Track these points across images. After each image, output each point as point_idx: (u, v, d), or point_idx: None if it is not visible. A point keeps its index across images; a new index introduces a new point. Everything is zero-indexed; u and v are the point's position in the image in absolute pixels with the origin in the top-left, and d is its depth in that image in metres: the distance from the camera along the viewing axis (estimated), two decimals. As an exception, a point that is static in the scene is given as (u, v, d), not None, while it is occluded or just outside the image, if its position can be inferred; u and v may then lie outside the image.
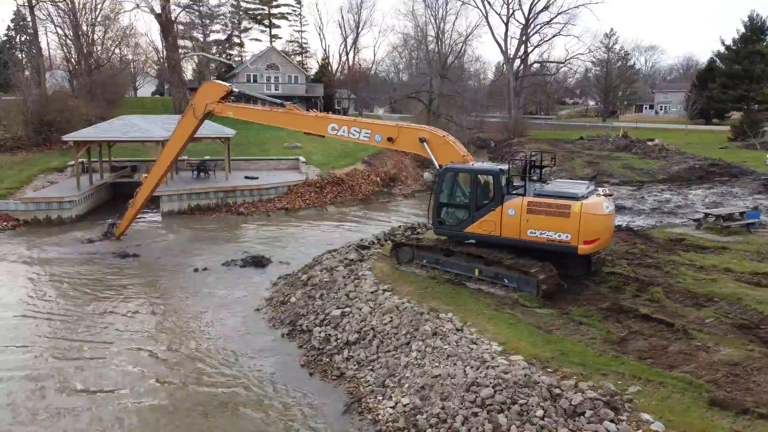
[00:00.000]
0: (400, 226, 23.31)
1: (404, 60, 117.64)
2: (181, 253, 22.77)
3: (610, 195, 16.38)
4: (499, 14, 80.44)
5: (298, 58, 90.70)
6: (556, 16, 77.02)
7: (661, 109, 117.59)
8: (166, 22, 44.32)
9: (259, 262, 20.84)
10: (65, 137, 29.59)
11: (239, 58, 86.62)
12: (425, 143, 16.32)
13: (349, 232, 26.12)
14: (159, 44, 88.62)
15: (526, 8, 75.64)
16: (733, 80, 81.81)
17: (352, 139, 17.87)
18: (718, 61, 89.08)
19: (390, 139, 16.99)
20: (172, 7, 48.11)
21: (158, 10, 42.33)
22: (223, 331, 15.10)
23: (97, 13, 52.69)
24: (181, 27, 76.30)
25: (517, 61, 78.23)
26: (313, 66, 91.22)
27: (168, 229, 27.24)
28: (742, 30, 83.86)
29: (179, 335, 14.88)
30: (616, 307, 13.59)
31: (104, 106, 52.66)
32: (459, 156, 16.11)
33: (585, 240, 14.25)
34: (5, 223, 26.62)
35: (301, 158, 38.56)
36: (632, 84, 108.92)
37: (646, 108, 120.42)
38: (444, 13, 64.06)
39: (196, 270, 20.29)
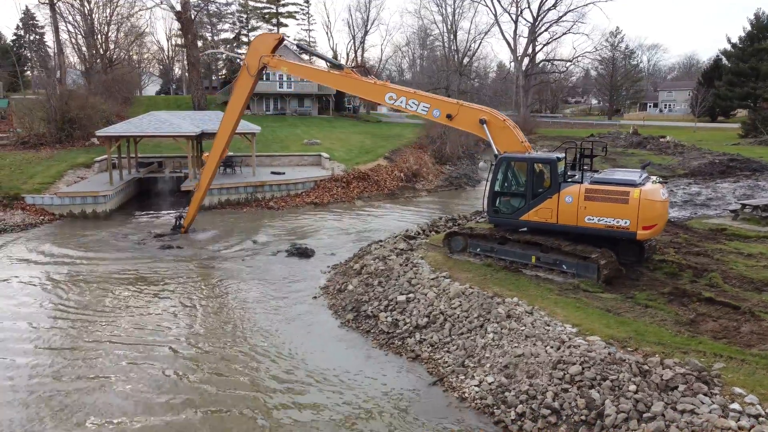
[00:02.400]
0: (441, 218, 23.61)
1: (407, 59, 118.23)
2: (224, 244, 23.01)
3: (665, 182, 16.71)
4: (508, 12, 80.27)
5: (306, 57, 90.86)
6: (564, 14, 77.48)
7: (665, 108, 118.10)
8: (186, 20, 44.52)
9: (304, 253, 21.12)
10: (99, 133, 29.82)
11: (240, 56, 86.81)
12: (485, 125, 16.43)
13: (385, 225, 26.40)
14: (164, 43, 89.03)
15: (535, 6, 75.76)
16: (739, 78, 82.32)
17: (409, 111, 17.82)
18: (724, 58, 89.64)
19: (449, 116, 17.01)
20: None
21: (178, 8, 42.48)
22: (289, 318, 15.35)
23: (112, 10, 52.73)
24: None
25: (526, 59, 78.51)
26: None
27: (204, 223, 27.45)
28: (749, 28, 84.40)
29: (252, 323, 15.10)
30: (679, 291, 13.90)
31: (120, 104, 53.06)
32: (518, 142, 16.33)
33: (644, 226, 14.53)
34: (42, 217, 26.88)
35: (324, 154, 38.81)
36: (637, 82, 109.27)
37: (650, 106, 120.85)
38: (453, 10, 64.48)
39: (243, 260, 20.55)
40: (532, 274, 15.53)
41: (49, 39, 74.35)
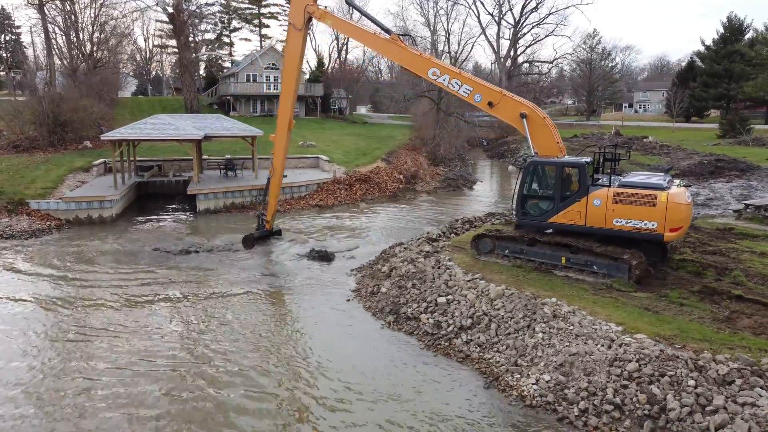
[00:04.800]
0: (458, 220, 24.01)
1: (385, 60, 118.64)
2: (241, 248, 23.03)
3: (689, 185, 17.37)
4: (491, 14, 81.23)
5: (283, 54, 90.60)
6: (546, 17, 78.78)
7: (640, 108, 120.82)
8: (179, 22, 44.21)
9: (325, 257, 21.31)
10: (104, 136, 29.56)
11: (230, 57, 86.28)
12: (525, 120, 16.61)
13: (395, 226, 26.76)
14: (142, 43, 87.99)
15: (517, 9, 76.87)
16: (713, 79, 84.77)
17: (451, 90, 17.89)
18: (698, 60, 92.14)
19: (490, 104, 17.09)
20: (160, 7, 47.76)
21: (170, 9, 42.20)
22: (330, 324, 15.53)
23: (98, 10, 52.02)
24: (169, 26, 75.91)
25: (508, 61, 79.61)
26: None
27: (213, 227, 27.47)
28: (721, 30, 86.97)
29: (298, 333, 15.25)
30: (709, 290, 14.54)
31: (106, 106, 52.37)
32: (553, 142, 16.70)
33: (671, 228, 15.14)
34: (48, 223, 26.53)
35: (323, 156, 38.99)
36: (614, 83, 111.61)
37: (625, 107, 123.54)
38: (435, 12, 65.20)
39: (266, 268, 20.64)
40: (563, 275, 16.05)
41: (26, 39, 72.68)
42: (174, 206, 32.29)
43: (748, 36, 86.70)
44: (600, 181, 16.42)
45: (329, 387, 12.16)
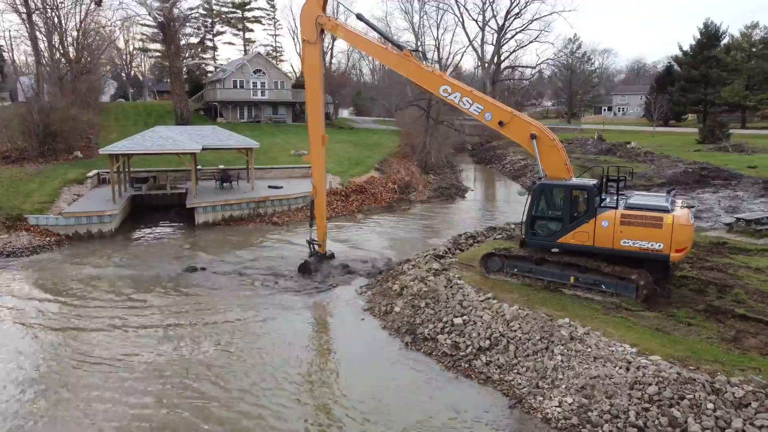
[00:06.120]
0: (461, 235, 24.48)
1: (368, 65, 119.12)
2: (245, 264, 23.24)
3: (692, 207, 18.06)
4: (475, 20, 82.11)
5: (273, 62, 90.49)
6: (530, 23, 79.81)
7: (619, 111, 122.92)
8: (169, 30, 44.07)
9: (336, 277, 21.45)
10: (103, 151, 29.41)
11: (214, 62, 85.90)
12: (534, 140, 17.03)
13: (396, 238, 27.16)
14: (121, 45, 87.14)
15: (501, 15, 77.89)
16: (691, 84, 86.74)
17: (461, 108, 18.15)
18: (676, 65, 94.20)
19: (501, 123, 17.43)
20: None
21: (161, 18, 42.08)
22: (347, 344, 15.91)
23: (83, 17, 51.56)
24: (153, 30, 75.39)
25: (492, 66, 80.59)
26: (287, 70, 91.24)
27: (214, 241, 27.58)
28: (698, 36, 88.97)
29: (317, 352, 15.62)
30: (713, 308, 15.21)
31: (93, 114, 52.02)
32: (562, 164, 17.21)
33: (677, 249, 15.80)
34: (48, 239, 26.39)
35: (316, 166, 39.15)
36: (594, 87, 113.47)
37: (604, 110, 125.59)
38: (420, 18, 65.71)
39: (276, 283, 20.83)
40: (572, 294, 16.62)
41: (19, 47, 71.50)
42: (171, 218, 32.19)
43: (724, 42, 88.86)
44: (606, 202, 17.04)
45: (355, 411, 12.55)
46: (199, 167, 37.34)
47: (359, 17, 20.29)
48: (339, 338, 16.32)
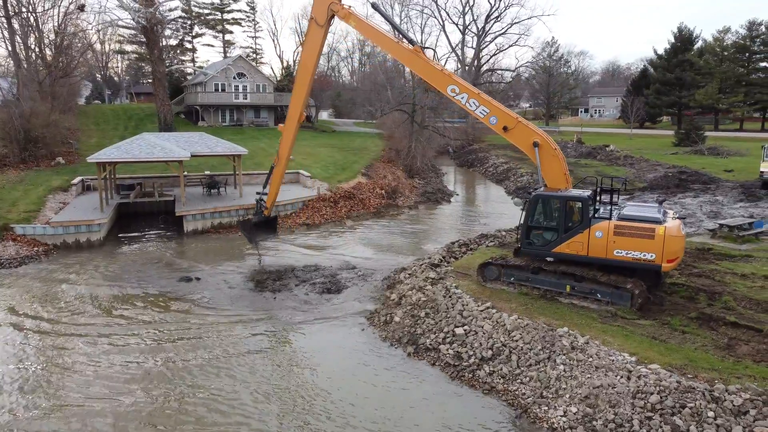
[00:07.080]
0: (454, 243, 24.76)
1: (348, 67, 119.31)
2: (241, 273, 23.26)
3: (683, 218, 18.60)
4: (456, 24, 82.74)
5: (253, 64, 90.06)
6: (509, 26, 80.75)
7: (595, 113, 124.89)
8: (152, 35, 43.69)
9: (333, 287, 21.49)
10: (91, 159, 29.03)
11: (193, 64, 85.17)
12: (536, 148, 17.35)
13: (387, 244, 27.37)
14: (98, 47, 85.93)
15: (481, 20, 78.64)
16: (666, 87, 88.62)
17: (467, 109, 18.30)
18: (651, 68, 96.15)
19: (505, 128, 17.64)
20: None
21: (144, 23, 41.69)
22: (349, 355, 16.06)
23: (62, 19, 50.80)
24: (131, 31, 74.49)
25: (473, 69, 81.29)
26: (267, 73, 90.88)
27: (203, 249, 27.50)
28: (672, 40, 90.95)
29: (320, 366, 15.74)
30: (705, 316, 15.73)
31: (74, 118, 51.29)
32: (562, 173, 17.60)
33: (668, 259, 16.29)
34: (35, 249, 26.04)
35: (303, 172, 39.26)
36: (572, 89, 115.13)
37: (581, 111, 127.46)
38: (400, 21, 65.86)
39: (274, 297, 20.80)
40: (568, 302, 17.02)
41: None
42: (159, 226, 31.97)
43: (697, 46, 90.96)
44: (600, 212, 17.48)
45: (375, 425, 12.74)
46: (186, 173, 37.18)
47: (374, 6, 19.95)
48: (341, 350, 16.45)
